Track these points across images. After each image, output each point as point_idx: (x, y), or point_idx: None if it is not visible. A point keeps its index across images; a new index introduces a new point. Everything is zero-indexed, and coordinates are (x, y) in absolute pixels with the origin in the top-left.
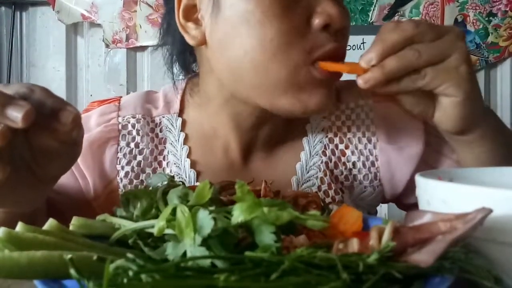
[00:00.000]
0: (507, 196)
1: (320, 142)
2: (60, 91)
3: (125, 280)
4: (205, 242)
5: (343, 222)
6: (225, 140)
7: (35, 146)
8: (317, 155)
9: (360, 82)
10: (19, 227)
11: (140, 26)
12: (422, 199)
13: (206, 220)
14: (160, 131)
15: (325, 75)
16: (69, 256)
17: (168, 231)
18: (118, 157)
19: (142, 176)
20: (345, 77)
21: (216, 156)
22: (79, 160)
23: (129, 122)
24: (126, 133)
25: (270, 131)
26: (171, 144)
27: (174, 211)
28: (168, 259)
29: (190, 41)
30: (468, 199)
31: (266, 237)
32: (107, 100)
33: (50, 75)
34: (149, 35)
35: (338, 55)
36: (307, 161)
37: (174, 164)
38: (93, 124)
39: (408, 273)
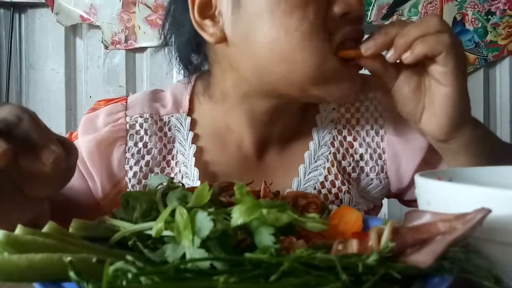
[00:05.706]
0: (507, 196)
1: (329, 133)
2: (59, 92)
3: (124, 282)
4: (204, 244)
5: (343, 223)
6: (239, 135)
7: (23, 169)
8: (325, 145)
9: (362, 49)
10: (19, 229)
11: (139, 27)
12: (422, 199)
13: (204, 221)
14: (169, 130)
15: (349, 67)
16: (69, 258)
17: (167, 233)
18: (126, 157)
19: (151, 176)
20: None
21: (229, 152)
22: (86, 160)
23: (136, 122)
24: (134, 133)
25: (284, 125)
26: (180, 143)
27: (173, 213)
28: (167, 261)
29: (209, 38)
30: (467, 199)
31: (265, 238)
32: (114, 99)
33: (49, 76)
34: (148, 36)
35: (357, 37)
36: (316, 150)
37: (183, 163)
38: (100, 124)
39: (408, 274)
